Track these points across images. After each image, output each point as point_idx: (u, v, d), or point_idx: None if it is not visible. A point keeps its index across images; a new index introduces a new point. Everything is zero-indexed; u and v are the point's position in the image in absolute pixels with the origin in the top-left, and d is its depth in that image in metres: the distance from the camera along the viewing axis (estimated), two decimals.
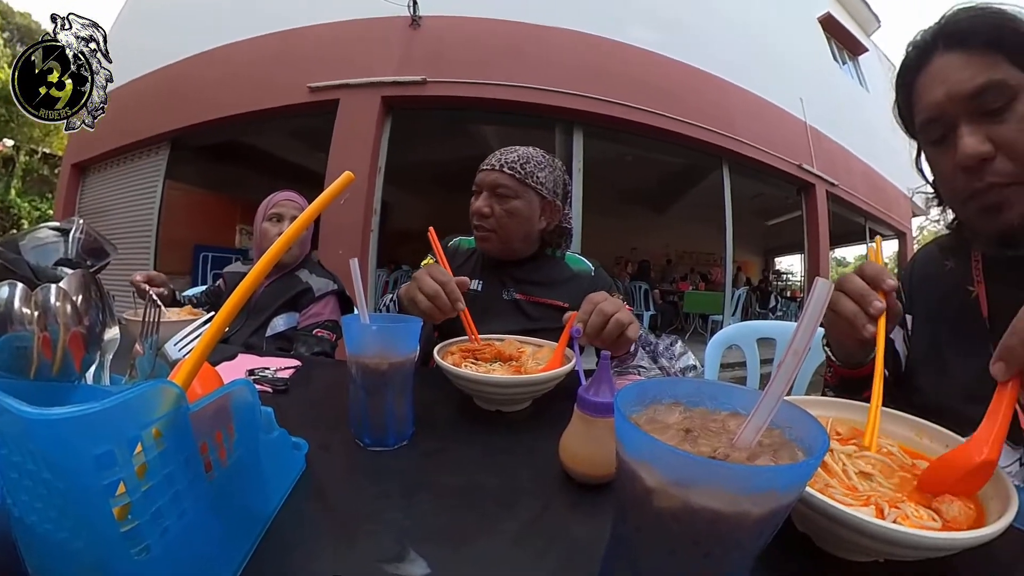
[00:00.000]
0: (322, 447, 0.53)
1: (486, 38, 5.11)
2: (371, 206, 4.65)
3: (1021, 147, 0.57)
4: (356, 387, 0.57)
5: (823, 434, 0.25)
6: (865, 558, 0.38)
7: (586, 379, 0.50)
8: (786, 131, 7.00)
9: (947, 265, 0.76)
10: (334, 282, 1.49)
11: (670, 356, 1.01)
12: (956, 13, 0.61)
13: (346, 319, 0.59)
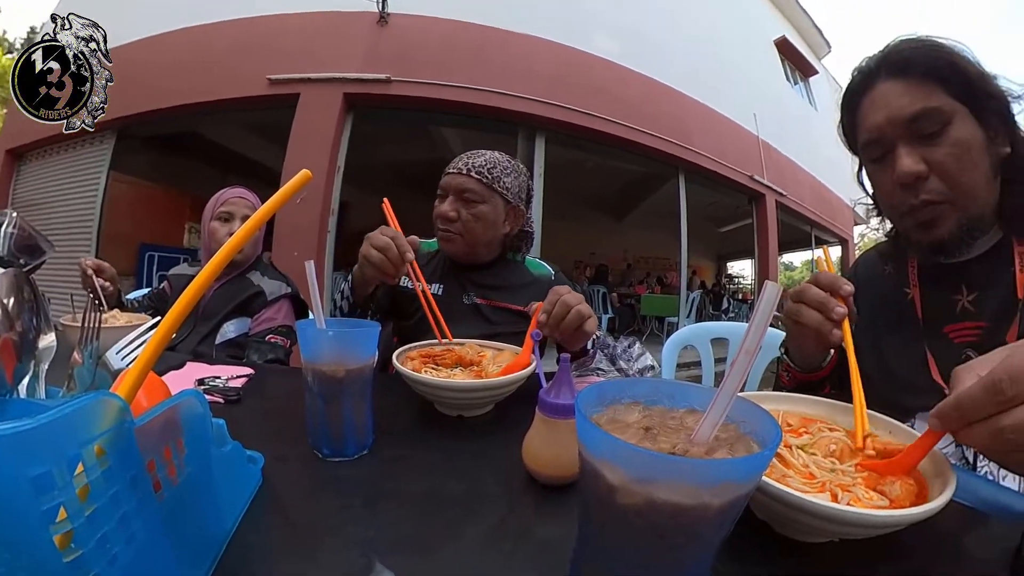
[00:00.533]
0: (279, 460, 0.51)
1: (453, 40, 5.08)
2: (329, 206, 4.50)
3: (952, 169, 0.63)
4: (313, 395, 0.55)
5: (776, 427, 0.26)
6: (822, 539, 0.40)
7: (546, 382, 0.51)
8: (740, 144, 7.45)
9: (886, 270, 0.83)
10: (287, 285, 1.42)
11: (628, 358, 1.03)
12: (899, 44, 0.67)
13: (301, 324, 0.56)
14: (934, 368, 0.70)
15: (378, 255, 0.82)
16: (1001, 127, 0.65)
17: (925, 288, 0.75)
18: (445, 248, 1.12)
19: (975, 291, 0.69)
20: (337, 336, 0.56)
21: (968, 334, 0.69)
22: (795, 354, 0.73)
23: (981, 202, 0.65)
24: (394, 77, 4.68)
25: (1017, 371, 0.33)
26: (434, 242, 1.24)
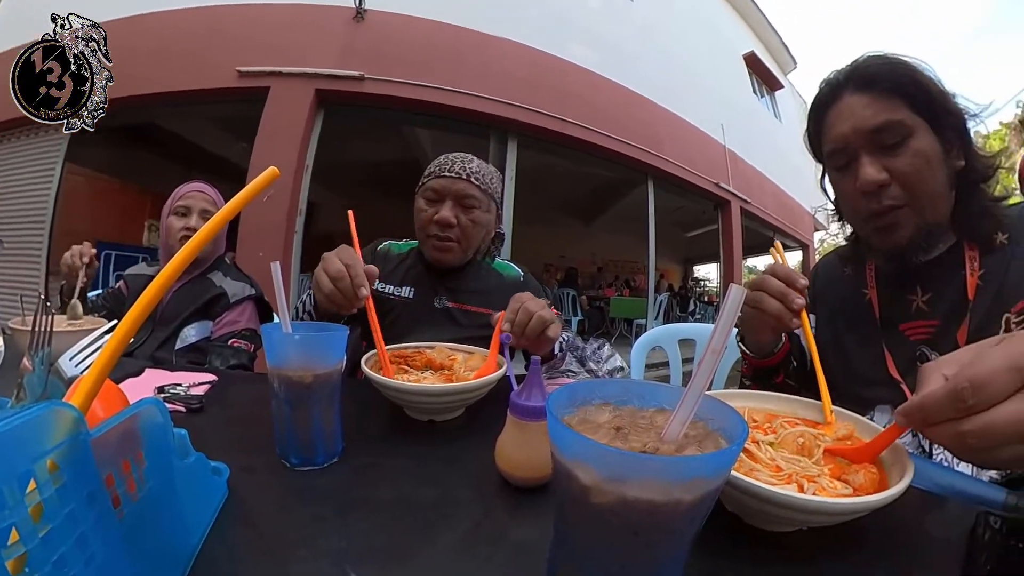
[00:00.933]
0: (245, 470, 0.49)
1: (429, 40, 5.03)
2: (296, 206, 4.35)
3: (912, 178, 0.67)
4: (279, 402, 0.53)
5: (742, 423, 0.27)
6: (790, 528, 0.42)
7: (517, 384, 0.51)
8: (707, 152, 7.75)
9: (845, 272, 0.87)
10: (251, 286, 1.37)
11: (598, 359, 1.04)
12: (867, 60, 0.71)
13: (266, 328, 0.55)
14: (891, 363, 0.74)
15: (329, 286, 0.73)
16: (957, 142, 0.69)
17: (882, 289, 0.79)
18: (440, 256, 1.09)
19: (929, 292, 0.74)
20: (304, 340, 0.55)
21: (922, 332, 0.73)
22: (750, 342, 0.78)
23: (938, 210, 0.70)
24: (368, 75, 4.59)
25: (980, 380, 0.34)
26: (405, 244, 1.23)
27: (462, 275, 1.14)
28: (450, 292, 1.11)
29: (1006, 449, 0.35)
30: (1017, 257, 0.68)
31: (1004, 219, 0.70)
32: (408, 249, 1.21)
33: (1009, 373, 0.34)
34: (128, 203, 6.20)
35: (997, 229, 0.70)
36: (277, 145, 4.33)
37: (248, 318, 1.32)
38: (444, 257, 1.08)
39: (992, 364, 0.34)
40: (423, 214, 1.07)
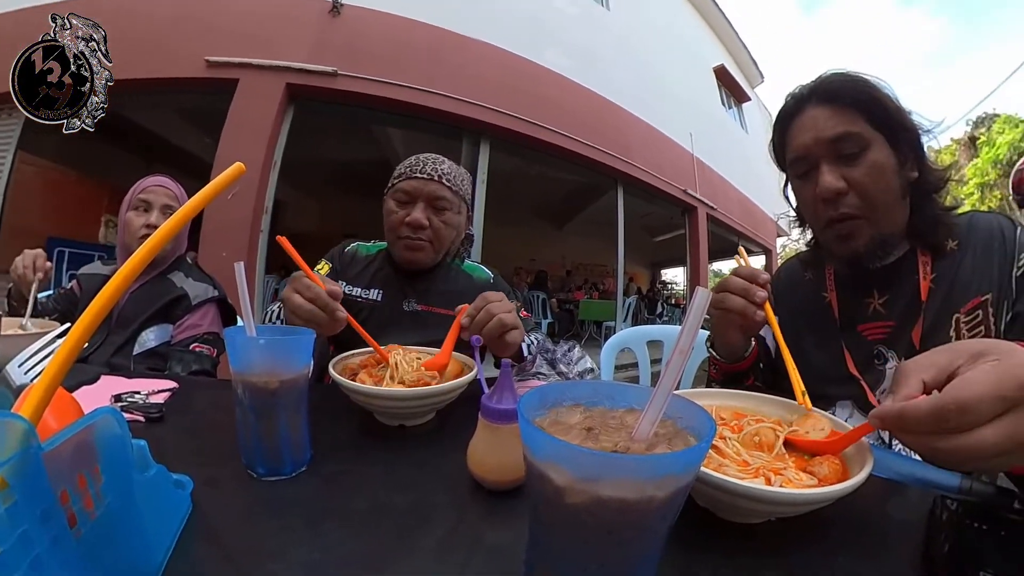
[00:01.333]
0: (209, 483, 0.47)
1: (406, 38, 4.97)
2: (263, 204, 4.18)
3: (869, 188, 0.71)
4: (244, 410, 0.51)
5: (710, 420, 0.28)
6: (759, 519, 0.44)
7: (488, 388, 0.51)
8: (676, 160, 8.02)
9: (806, 276, 0.92)
10: (214, 288, 1.31)
11: (568, 361, 1.05)
12: (830, 75, 0.75)
13: (229, 331, 0.53)
14: (850, 362, 0.79)
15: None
16: (912, 155, 0.74)
17: (841, 292, 0.84)
18: (411, 257, 1.07)
19: (885, 295, 0.78)
20: (269, 344, 0.52)
21: (879, 332, 0.78)
22: (720, 346, 0.80)
23: (892, 218, 0.74)
24: (341, 71, 4.47)
25: (967, 405, 0.34)
26: (373, 245, 1.21)
27: (432, 277, 1.13)
28: (419, 295, 1.10)
29: (970, 464, 0.37)
30: (966, 262, 0.73)
31: (954, 227, 0.75)
32: (376, 251, 1.19)
33: (994, 401, 0.34)
34: (84, 196, 5.78)
35: (948, 236, 0.75)
36: (244, 140, 4.16)
37: (211, 321, 1.27)
38: (415, 258, 1.07)
39: (981, 390, 0.35)
40: (394, 216, 1.06)
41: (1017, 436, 0.34)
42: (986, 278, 0.71)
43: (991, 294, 0.70)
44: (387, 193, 1.10)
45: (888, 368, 0.76)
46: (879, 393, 0.75)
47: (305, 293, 0.72)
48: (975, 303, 0.70)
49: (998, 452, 0.35)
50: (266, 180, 4.23)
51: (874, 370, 0.77)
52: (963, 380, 0.36)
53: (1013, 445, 0.34)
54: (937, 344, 0.42)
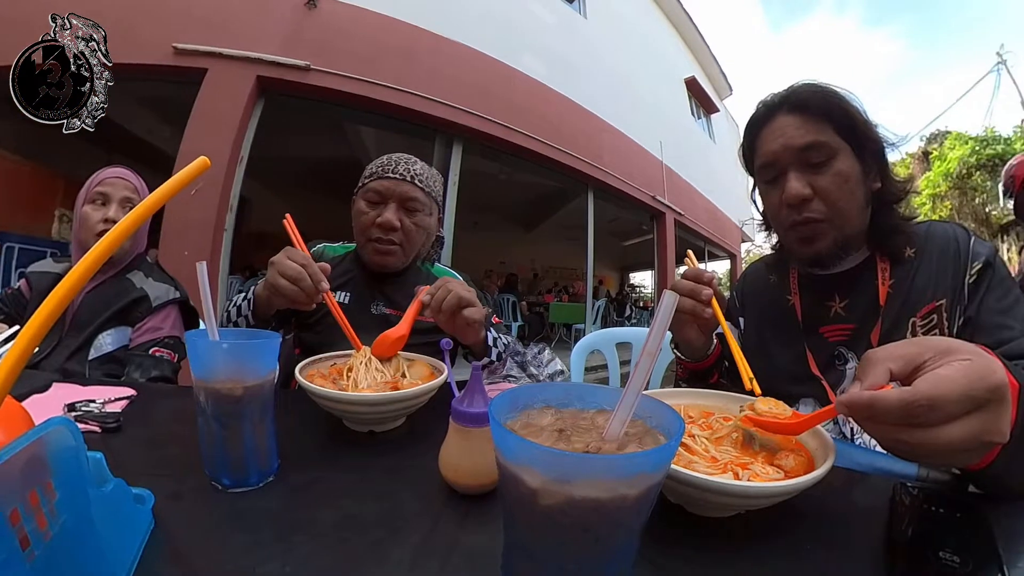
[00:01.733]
0: (172, 497, 0.45)
1: (382, 35, 4.87)
2: (228, 201, 3.98)
3: (833, 195, 0.74)
4: (207, 418, 0.48)
5: (679, 419, 0.29)
6: (730, 513, 0.46)
7: (459, 391, 0.51)
8: (645, 167, 8.25)
9: (771, 279, 0.95)
10: (176, 289, 1.25)
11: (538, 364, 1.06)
12: (801, 86, 0.78)
13: (191, 335, 0.50)
14: (812, 362, 0.82)
15: (291, 287, 0.76)
16: (876, 166, 0.78)
17: (804, 295, 0.87)
18: (382, 260, 1.06)
19: (846, 299, 0.82)
20: (233, 349, 0.50)
21: (840, 334, 0.81)
22: (682, 346, 0.83)
23: (854, 225, 0.78)
24: (314, 66, 4.32)
25: (937, 402, 0.35)
26: (341, 246, 1.18)
27: (401, 280, 1.12)
28: (388, 298, 1.09)
29: (931, 457, 0.38)
30: (922, 268, 0.77)
31: (912, 235, 0.79)
32: (344, 252, 1.17)
33: (964, 400, 0.36)
34: (36, 188, 5.27)
35: (906, 244, 0.79)
36: (210, 133, 3.94)
37: (172, 324, 1.21)
38: (386, 261, 1.05)
39: (951, 389, 0.36)
40: (364, 217, 1.04)
41: (981, 435, 0.36)
42: (941, 284, 0.75)
43: (945, 300, 0.74)
44: (357, 193, 1.08)
45: (848, 368, 0.79)
46: (839, 393, 0.78)
47: (296, 258, 0.77)
48: (930, 308, 0.74)
49: (960, 449, 0.36)
50: (232, 176, 4.03)
51: (835, 370, 0.80)
52: (936, 376, 0.37)
53: (975, 444, 0.36)
54: None
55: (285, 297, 0.77)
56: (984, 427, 0.36)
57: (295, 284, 0.75)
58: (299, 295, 0.76)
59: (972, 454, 0.38)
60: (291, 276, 0.76)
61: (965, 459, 0.39)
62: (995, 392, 0.36)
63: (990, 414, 0.36)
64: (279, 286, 0.76)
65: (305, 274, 0.76)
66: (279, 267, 0.77)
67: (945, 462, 0.41)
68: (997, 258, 0.74)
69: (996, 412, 0.37)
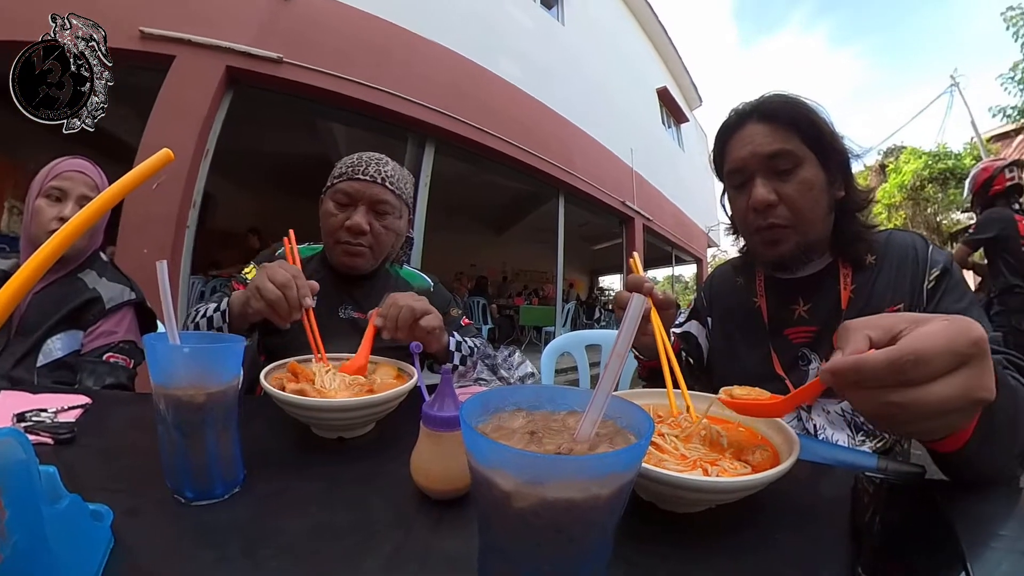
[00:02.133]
0: (131, 512, 0.43)
1: (358, 31, 4.77)
2: (191, 196, 3.77)
3: (798, 202, 0.78)
4: (167, 427, 0.46)
5: (648, 419, 0.29)
6: (700, 508, 0.47)
7: (429, 395, 0.50)
8: (616, 173, 8.45)
9: (738, 281, 0.99)
10: (131, 289, 1.17)
11: (509, 366, 1.06)
12: (772, 96, 0.81)
13: (149, 339, 0.47)
14: (776, 362, 0.86)
15: (276, 292, 0.74)
16: (840, 175, 0.81)
17: (770, 298, 0.91)
18: (350, 263, 1.03)
19: (809, 302, 0.85)
20: (195, 353, 0.48)
21: (803, 336, 0.85)
22: (639, 347, 0.86)
23: (817, 231, 0.81)
24: (287, 58, 4.18)
25: (924, 355, 0.35)
26: (308, 248, 1.16)
27: (369, 284, 1.10)
28: (356, 302, 1.06)
29: (920, 423, 0.37)
30: (882, 274, 0.81)
31: (873, 243, 0.83)
32: (311, 254, 1.14)
33: (949, 355, 0.35)
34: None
35: (868, 251, 0.83)
36: (175, 124, 3.73)
37: (127, 328, 1.14)
38: (354, 264, 1.03)
39: (935, 343, 0.35)
40: (333, 219, 1.01)
41: (967, 392, 0.36)
42: (900, 289, 0.79)
43: (904, 303, 0.78)
44: (325, 193, 1.05)
45: (811, 369, 0.83)
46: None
47: (289, 268, 0.77)
48: (890, 311, 0.78)
49: (948, 409, 0.36)
50: (196, 170, 3.82)
51: (798, 370, 0.84)
52: (919, 333, 0.36)
53: (963, 401, 0.36)
54: None
55: (266, 303, 0.74)
56: (971, 382, 0.36)
57: (281, 291, 0.74)
58: (281, 303, 0.74)
59: (963, 415, 0.37)
60: (279, 281, 0.74)
61: (947, 424, 0.38)
62: (977, 345, 0.36)
63: (975, 369, 0.36)
64: (263, 288, 0.74)
65: (293, 283, 0.75)
66: (269, 271, 0.76)
67: (937, 427, 0.38)
68: (953, 265, 0.79)
69: (980, 366, 0.36)
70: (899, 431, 0.42)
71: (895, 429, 0.41)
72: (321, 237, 1.08)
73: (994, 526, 0.46)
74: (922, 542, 0.40)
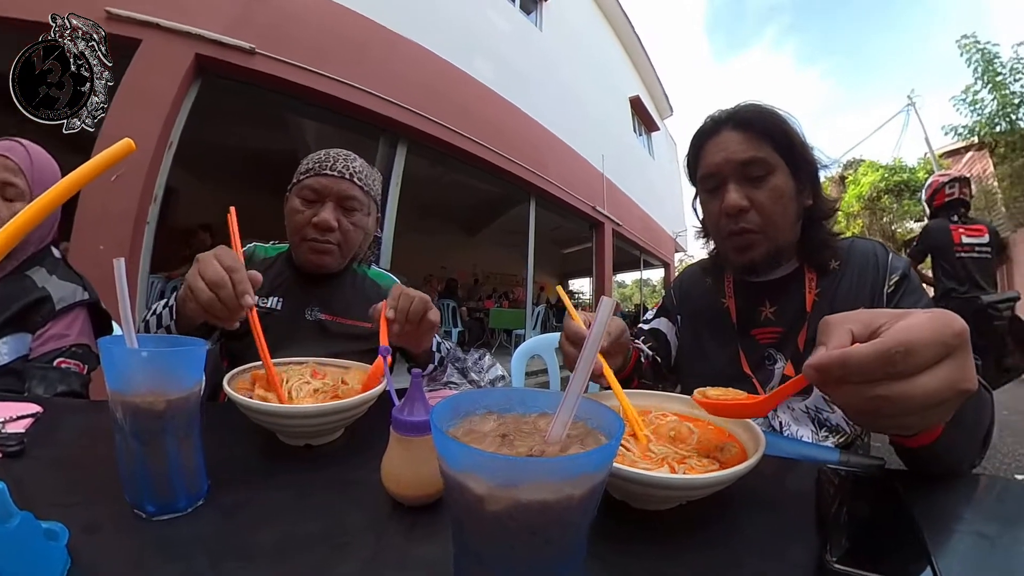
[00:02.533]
0: (89, 529, 0.41)
1: (335, 25, 4.67)
2: (152, 190, 3.55)
3: (768, 208, 0.81)
4: (125, 437, 0.44)
5: (618, 419, 0.30)
6: (671, 505, 0.48)
7: (398, 399, 0.50)
8: (587, 178, 8.63)
9: (707, 282, 1.02)
10: (84, 289, 1.08)
11: (479, 369, 1.06)
12: (748, 105, 0.85)
13: (105, 342, 0.45)
14: (744, 361, 0.89)
15: (208, 294, 0.64)
16: (809, 184, 0.85)
17: (738, 299, 0.94)
18: (317, 261, 1.00)
19: (775, 304, 0.89)
20: (154, 357, 0.45)
21: (769, 337, 0.89)
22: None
23: (786, 237, 0.85)
24: (260, 50, 4.01)
25: (911, 346, 0.34)
26: (273, 247, 1.12)
27: (337, 284, 1.07)
28: (323, 303, 1.04)
29: (905, 417, 0.37)
30: (845, 279, 0.86)
31: (838, 250, 0.88)
32: (276, 253, 1.11)
33: (934, 346, 0.35)
34: None
35: (832, 257, 0.87)
36: (138, 112, 3.49)
37: (79, 330, 1.05)
38: (322, 261, 1.00)
39: (923, 334, 0.35)
40: (299, 216, 0.98)
41: (953, 383, 0.35)
42: (861, 294, 0.83)
43: (864, 307, 0.81)
44: (291, 190, 1.02)
45: (776, 368, 0.87)
46: (768, 389, 0.86)
47: (224, 259, 0.66)
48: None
49: (934, 401, 0.35)
50: (159, 162, 3.61)
51: (765, 370, 0.88)
52: (905, 325, 0.36)
53: (949, 392, 0.35)
54: None
55: (200, 306, 0.65)
56: (956, 374, 0.36)
57: (214, 291, 0.64)
58: (215, 306, 0.65)
59: (945, 407, 0.37)
60: (211, 280, 0.64)
61: (939, 414, 0.38)
62: (960, 336, 0.36)
63: (959, 360, 0.36)
64: (196, 289, 0.64)
65: (228, 281, 0.64)
66: (202, 267, 0.65)
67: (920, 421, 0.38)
68: (911, 271, 0.84)
69: (963, 358, 0.36)
70: (881, 426, 0.41)
71: (878, 424, 0.40)
72: (287, 236, 1.05)
73: (952, 510, 0.50)
74: (885, 528, 0.43)
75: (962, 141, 9.67)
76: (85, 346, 1.04)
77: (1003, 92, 8.38)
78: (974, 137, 9.08)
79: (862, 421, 0.40)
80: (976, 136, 8.98)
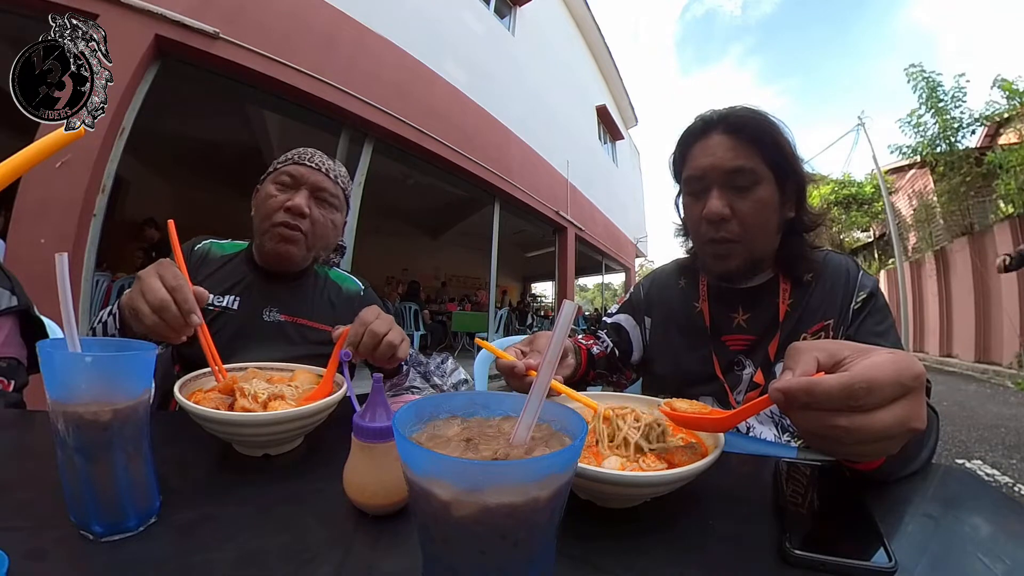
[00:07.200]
0: (32, 555, 0.38)
1: (304, 14, 4.52)
2: (100, 180, 3.25)
3: (749, 219, 0.81)
4: (68, 451, 0.40)
5: (581, 420, 0.30)
6: (636, 502, 0.50)
7: (360, 405, 0.49)
8: (551, 183, 8.80)
9: (680, 283, 1.02)
10: (12, 293, 0.90)
11: (442, 373, 1.06)
12: (741, 109, 0.84)
13: (44, 346, 0.41)
14: (716, 365, 0.90)
15: (153, 318, 0.62)
16: (793, 197, 0.85)
17: (712, 303, 0.95)
18: (283, 249, 0.97)
19: (748, 312, 0.91)
20: (99, 363, 0.42)
21: (740, 343, 0.91)
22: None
23: (764, 248, 0.87)
24: (224, 35, 3.80)
25: (874, 384, 0.37)
26: (230, 244, 1.08)
27: (297, 285, 1.05)
28: (282, 303, 1.01)
29: (860, 447, 0.40)
30: (817, 292, 0.88)
31: (813, 263, 0.88)
32: (233, 251, 1.07)
33: (895, 386, 0.38)
34: None
35: (808, 270, 0.88)
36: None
37: (6, 340, 0.91)
38: (287, 250, 0.97)
39: (885, 373, 0.38)
40: (272, 200, 0.97)
41: (905, 421, 0.38)
42: (831, 307, 0.85)
43: (833, 320, 0.86)
44: (266, 178, 1.02)
45: (745, 374, 0.88)
46: (736, 393, 0.88)
47: (167, 278, 0.63)
48: (820, 326, 0.86)
49: (887, 435, 0.38)
50: (108, 150, 3.31)
51: (734, 374, 0.90)
52: (870, 363, 0.39)
53: (900, 429, 0.38)
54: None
55: (144, 328, 0.63)
56: (909, 413, 0.38)
57: (158, 315, 0.62)
58: (161, 329, 0.63)
59: (895, 442, 0.40)
60: (154, 303, 0.62)
61: (883, 448, 0.40)
62: (918, 380, 0.39)
63: (913, 401, 0.39)
64: (140, 312, 0.62)
65: (171, 303, 0.62)
66: (144, 286, 0.63)
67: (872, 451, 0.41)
68: (879, 290, 0.86)
69: (917, 400, 0.39)
70: (835, 452, 0.45)
71: (832, 449, 0.43)
72: (252, 228, 1.02)
73: (900, 495, 0.54)
74: (839, 514, 0.47)
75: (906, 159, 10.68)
76: (13, 359, 0.90)
77: (944, 117, 9.46)
78: (917, 156, 10.15)
79: (818, 445, 0.42)
80: (919, 155, 10.07)
